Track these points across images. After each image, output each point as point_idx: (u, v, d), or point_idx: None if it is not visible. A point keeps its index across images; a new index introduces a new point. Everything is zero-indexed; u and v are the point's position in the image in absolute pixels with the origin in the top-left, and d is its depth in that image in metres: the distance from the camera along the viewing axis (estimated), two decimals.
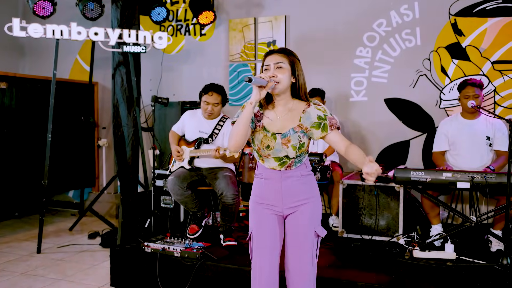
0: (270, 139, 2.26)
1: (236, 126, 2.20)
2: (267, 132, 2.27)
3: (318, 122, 2.24)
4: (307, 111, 2.26)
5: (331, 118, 2.28)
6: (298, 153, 2.25)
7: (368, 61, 5.05)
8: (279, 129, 2.25)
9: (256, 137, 2.30)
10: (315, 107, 2.27)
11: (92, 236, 5.11)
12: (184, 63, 5.89)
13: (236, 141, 2.20)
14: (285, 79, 2.21)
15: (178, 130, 4.22)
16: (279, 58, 2.24)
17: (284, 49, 2.31)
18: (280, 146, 2.24)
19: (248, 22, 5.53)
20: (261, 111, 2.33)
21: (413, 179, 3.58)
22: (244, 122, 2.16)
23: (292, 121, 2.26)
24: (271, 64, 2.23)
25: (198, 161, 4.06)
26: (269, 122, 2.28)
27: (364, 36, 5.05)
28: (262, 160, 2.34)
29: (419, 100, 4.88)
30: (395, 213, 4.01)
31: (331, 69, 5.19)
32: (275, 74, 2.20)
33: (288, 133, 2.24)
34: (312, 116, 2.25)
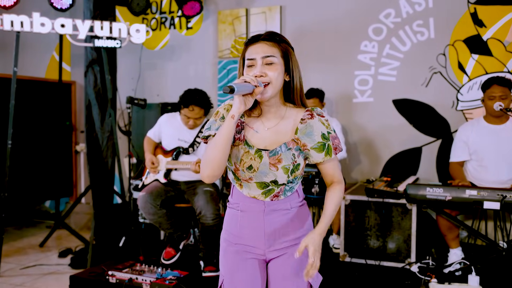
0: (254, 158, 1.68)
1: (212, 149, 1.63)
2: (250, 148, 1.69)
3: (322, 143, 1.68)
4: (308, 123, 1.69)
5: (334, 137, 1.72)
6: (290, 177, 1.68)
7: (374, 56, 4.47)
8: (267, 145, 1.69)
9: (234, 154, 1.72)
10: (319, 119, 1.70)
11: (63, 254, 4.53)
12: (168, 60, 5.31)
13: (213, 170, 1.64)
14: (277, 79, 1.65)
15: (154, 136, 3.65)
16: (268, 49, 1.66)
17: (274, 34, 1.70)
18: (267, 168, 1.67)
19: (239, 13, 4.94)
20: (242, 118, 1.75)
21: (429, 197, 2.99)
22: (223, 144, 1.60)
23: (284, 133, 1.70)
24: (258, 58, 1.65)
25: (176, 173, 3.49)
26: (254, 134, 1.71)
27: (370, 29, 4.47)
28: (239, 185, 1.76)
29: (433, 101, 4.31)
30: (406, 235, 3.42)
31: (331, 66, 4.63)
32: (264, 72, 1.63)
33: (279, 150, 1.67)
34: (315, 132, 1.68)
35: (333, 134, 1.72)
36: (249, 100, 1.58)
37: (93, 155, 4.45)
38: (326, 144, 1.68)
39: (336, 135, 1.74)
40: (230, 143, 1.62)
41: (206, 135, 1.75)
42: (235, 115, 1.57)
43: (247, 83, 1.54)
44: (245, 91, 1.53)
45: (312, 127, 1.69)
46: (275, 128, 1.70)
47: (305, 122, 1.69)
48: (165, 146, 3.57)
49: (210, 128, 1.74)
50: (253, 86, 1.55)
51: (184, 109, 3.44)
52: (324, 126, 1.70)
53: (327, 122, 1.73)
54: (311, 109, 1.73)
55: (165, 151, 3.54)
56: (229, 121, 1.59)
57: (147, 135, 3.69)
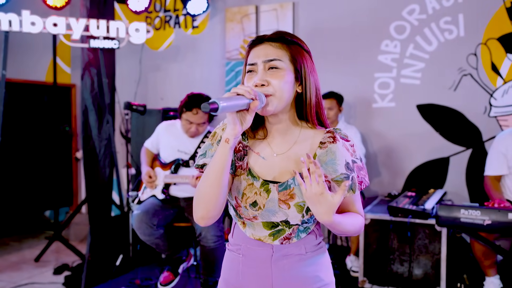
0: (259, 192, 1.33)
1: (204, 184, 1.29)
2: (255, 179, 1.34)
3: (346, 175, 1.31)
4: (329, 148, 1.33)
5: (360, 167, 1.36)
6: (305, 217, 1.32)
7: (396, 57, 4.06)
8: (277, 176, 1.34)
9: (235, 186, 1.37)
10: (343, 144, 1.34)
11: (58, 271, 4.21)
12: (173, 61, 4.97)
13: (207, 210, 1.30)
14: (283, 89, 1.30)
15: (151, 146, 3.30)
16: (273, 51, 1.32)
17: (282, 34, 1.37)
18: (275, 205, 1.32)
19: (248, 11, 4.57)
20: (245, 141, 1.40)
21: (464, 221, 2.58)
22: (217, 177, 1.27)
23: (298, 161, 1.33)
24: (259, 63, 1.31)
25: (175, 188, 3.13)
26: (259, 161, 1.37)
27: (391, 26, 4.07)
28: (242, 223, 1.41)
29: (462, 107, 3.90)
30: (435, 260, 3.02)
31: (349, 68, 4.26)
32: (266, 80, 1.29)
33: (292, 183, 1.31)
34: (338, 161, 1.32)
35: (359, 163, 1.35)
36: (245, 118, 1.24)
37: (90, 164, 4.12)
38: (351, 177, 1.31)
39: (362, 165, 1.37)
40: (226, 175, 1.27)
41: (201, 164, 1.39)
42: (230, 139, 1.24)
43: (239, 96, 1.20)
44: (236, 107, 1.18)
45: (334, 153, 1.31)
46: (287, 154, 1.35)
47: (326, 146, 1.33)
48: (163, 158, 3.21)
49: (205, 154, 1.39)
50: (248, 100, 1.20)
51: (186, 113, 3.07)
52: (349, 153, 1.34)
53: (353, 147, 1.36)
54: (333, 130, 1.36)
55: (164, 164, 3.19)
56: (223, 147, 1.25)
57: (144, 145, 3.33)
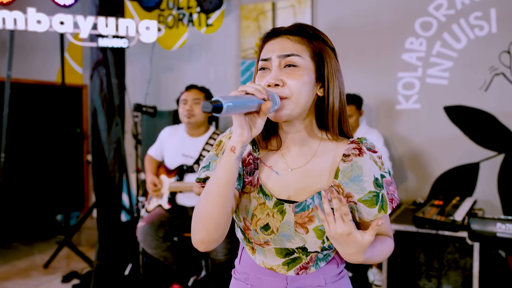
0: (272, 213, 1.14)
1: (205, 201, 1.10)
2: (267, 197, 1.15)
3: (375, 194, 1.13)
4: (355, 162, 1.14)
5: (389, 182, 1.17)
6: (326, 243, 1.13)
7: (422, 56, 3.80)
8: (293, 194, 1.15)
9: (243, 205, 1.18)
10: (370, 156, 1.15)
11: (67, 279, 4.06)
12: (186, 61, 4.78)
13: (208, 233, 1.10)
14: (301, 92, 1.11)
15: (155, 153, 3.12)
16: (291, 46, 1.13)
17: (303, 26, 1.17)
18: (291, 229, 1.13)
19: (264, 8, 4.35)
20: (256, 153, 1.21)
21: (500, 236, 2.34)
22: (221, 193, 1.07)
23: (318, 177, 1.15)
24: (273, 58, 1.12)
25: (182, 197, 2.94)
26: (272, 177, 1.18)
27: (417, 23, 3.82)
28: (251, 249, 1.22)
29: (494, 109, 3.63)
30: (466, 276, 2.77)
31: (371, 68, 4.01)
32: (281, 80, 1.10)
33: (311, 203, 1.12)
34: (366, 177, 1.13)
35: (388, 178, 1.16)
36: (255, 122, 1.04)
37: (99, 168, 3.95)
38: (380, 195, 1.12)
39: (391, 179, 1.16)
40: (231, 191, 1.07)
41: (203, 177, 1.20)
42: (237, 147, 1.04)
43: (249, 95, 1.00)
44: (244, 108, 0.99)
45: (360, 169, 1.13)
46: (305, 169, 1.16)
47: (350, 160, 1.14)
48: (168, 165, 3.03)
49: (208, 166, 1.21)
50: (259, 100, 1.01)
51: (182, 95, 3.08)
52: (377, 167, 1.15)
53: (381, 159, 1.17)
54: (358, 141, 1.17)
55: (169, 171, 3.00)
56: (228, 157, 1.05)
57: (147, 153, 3.16)
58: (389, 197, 1.14)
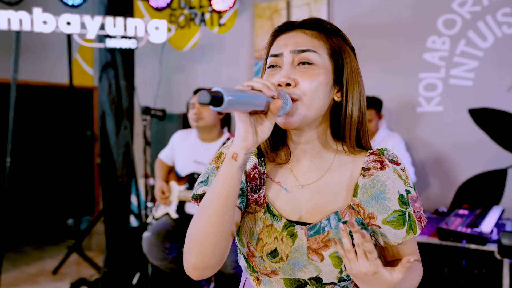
0: (281, 237, 0.99)
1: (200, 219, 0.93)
2: (275, 218, 1.01)
3: (400, 213, 0.99)
4: (376, 176, 1.00)
5: (415, 198, 1.02)
6: (344, 273, 0.98)
7: (445, 55, 3.59)
8: (305, 215, 1.01)
9: (246, 228, 1.03)
10: (393, 169, 1.02)
11: (75, 286, 3.95)
12: (198, 61, 4.65)
13: (203, 257, 0.93)
14: (316, 93, 0.97)
15: (166, 158, 2.99)
16: (306, 40, 1.00)
17: (320, 21, 1.04)
18: (304, 256, 0.98)
19: (279, 6, 4.19)
20: (262, 167, 1.07)
21: None
22: (220, 210, 0.91)
23: (334, 195, 1.01)
24: (286, 53, 0.99)
25: (191, 206, 2.80)
26: (281, 194, 1.03)
27: (439, 21, 3.61)
28: (255, 279, 1.06)
29: None
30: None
31: (390, 68, 3.81)
32: (294, 79, 0.96)
33: (326, 225, 0.98)
34: (389, 194, 0.99)
35: (413, 193, 1.02)
36: (262, 124, 0.88)
37: (107, 173, 3.83)
38: (407, 214, 0.98)
39: (416, 195, 1.03)
40: (231, 208, 0.91)
41: (200, 193, 1.06)
42: (239, 154, 0.89)
43: (255, 91, 0.85)
44: (249, 104, 0.83)
45: (383, 184, 0.99)
46: (318, 185, 1.01)
47: (371, 174, 1.00)
48: (179, 171, 2.89)
49: (206, 181, 1.06)
50: (268, 98, 0.86)
51: (191, 99, 2.95)
52: (402, 181, 1.00)
53: (405, 172, 1.02)
54: (378, 152, 1.03)
55: (179, 177, 2.86)
56: (229, 166, 0.90)
57: (158, 156, 3.02)
58: (416, 215, 0.99)
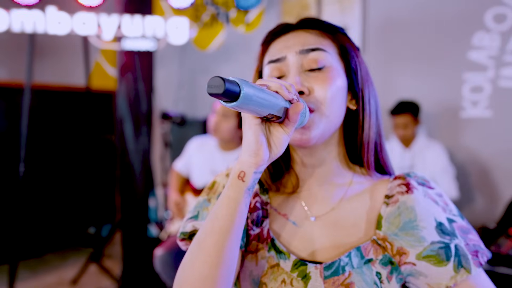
0: (291, 279, 0.80)
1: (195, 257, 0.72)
2: (283, 256, 0.83)
3: (442, 245, 0.78)
4: (402, 202, 0.82)
5: (464, 228, 0.82)
6: None
7: (494, 54, 3.24)
8: (318, 252, 0.83)
9: (247, 270, 0.85)
10: (424, 192, 0.83)
11: None
12: (223, 62, 4.41)
13: None
14: (334, 101, 0.82)
15: (182, 168, 2.74)
16: (313, 39, 0.85)
17: (318, 20, 0.88)
18: None
19: (308, 3, 3.90)
20: (264, 196, 0.90)
21: None
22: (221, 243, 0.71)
23: (354, 227, 0.84)
24: (290, 56, 0.83)
25: None
26: (288, 228, 0.86)
27: (488, 14, 3.25)
28: None
29: None
30: None
31: (430, 68, 3.48)
32: (308, 87, 0.80)
33: (346, 263, 0.79)
34: (423, 222, 0.80)
35: (460, 222, 0.81)
36: (277, 136, 0.72)
37: (126, 181, 3.64)
38: (453, 246, 0.78)
39: (467, 224, 0.82)
40: (237, 242, 0.72)
41: (189, 231, 0.86)
42: (247, 173, 0.71)
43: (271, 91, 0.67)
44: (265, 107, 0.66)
45: (413, 210, 0.81)
46: (333, 217, 0.85)
47: (396, 201, 0.83)
48: (195, 182, 2.64)
49: (197, 216, 0.87)
50: (285, 103, 0.69)
51: (216, 102, 2.67)
52: (439, 207, 0.82)
53: (443, 198, 0.84)
54: (403, 175, 0.86)
55: (196, 189, 2.61)
56: (234, 188, 0.72)
57: (173, 167, 2.79)
58: (470, 248, 0.78)
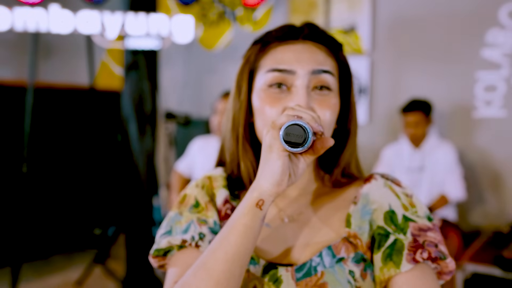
0: (262, 284, 0.77)
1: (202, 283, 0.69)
2: (251, 261, 0.80)
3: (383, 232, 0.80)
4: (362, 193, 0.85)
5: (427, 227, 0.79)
6: None
7: (509, 51, 3.17)
8: (291, 254, 0.81)
9: None
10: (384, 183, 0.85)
11: None
12: (230, 62, 4.34)
13: None
14: (331, 125, 0.83)
15: (184, 169, 2.67)
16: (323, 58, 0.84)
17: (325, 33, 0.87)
18: None
19: (316, 1, 3.83)
20: (234, 202, 0.89)
21: None
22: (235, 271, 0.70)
23: (326, 226, 0.82)
24: (301, 73, 0.81)
25: None
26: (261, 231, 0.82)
27: (502, 10, 3.16)
28: None
29: None
30: None
31: (441, 66, 3.40)
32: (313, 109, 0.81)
33: (318, 263, 0.78)
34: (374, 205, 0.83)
35: (423, 223, 0.79)
36: (298, 165, 0.73)
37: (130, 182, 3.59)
38: (393, 240, 0.77)
39: (434, 227, 0.79)
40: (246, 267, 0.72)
41: (164, 247, 0.82)
42: (267, 201, 0.71)
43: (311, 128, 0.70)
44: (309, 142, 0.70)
45: (367, 196, 0.83)
46: (306, 217, 0.85)
47: (359, 196, 0.85)
48: None
49: (170, 232, 0.83)
50: (312, 135, 0.69)
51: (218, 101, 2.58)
52: (398, 200, 0.81)
53: (410, 199, 0.82)
54: (372, 174, 0.88)
55: None
56: (251, 215, 0.71)
57: (175, 168, 2.72)
58: (417, 244, 0.75)
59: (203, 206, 0.86)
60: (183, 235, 0.80)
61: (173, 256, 0.81)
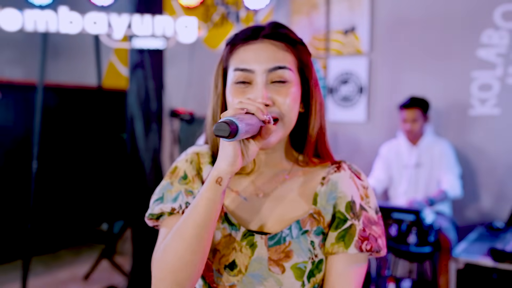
0: (240, 247, 0.95)
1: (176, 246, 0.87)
2: (233, 228, 0.97)
3: (342, 218, 0.95)
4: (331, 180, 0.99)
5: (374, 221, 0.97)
6: (307, 285, 0.92)
7: (503, 52, 3.26)
8: (264, 224, 0.97)
9: None
10: (350, 176, 1.00)
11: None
12: None
13: (180, 286, 0.86)
14: (292, 111, 0.96)
15: None
16: (280, 55, 0.96)
17: (284, 28, 1.00)
18: (264, 267, 0.93)
19: (317, 1, 3.92)
20: None
21: None
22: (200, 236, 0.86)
23: (295, 203, 0.99)
24: (258, 72, 0.94)
25: None
26: (239, 203, 1.00)
27: (497, 12, 3.26)
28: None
29: None
30: None
31: (439, 66, 3.49)
32: (271, 99, 0.94)
33: (287, 234, 0.95)
34: (340, 194, 0.97)
35: (371, 215, 0.97)
36: (249, 148, 0.86)
37: (136, 179, 3.70)
38: (349, 225, 0.94)
39: (378, 220, 0.97)
40: (212, 232, 0.88)
41: (157, 213, 0.99)
42: (224, 179, 0.85)
43: (249, 114, 0.83)
44: (250, 131, 0.82)
45: (335, 184, 0.98)
46: (278, 194, 1.00)
47: (328, 180, 0.99)
48: None
49: (162, 198, 1.00)
50: (259, 122, 0.84)
51: None
52: (357, 192, 0.98)
53: (366, 191, 0.99)
54: (340, 161, 1.03)
55: None
56: (212, 190, 0.85)
57: None
58: (365, 234, 0.93)
59: (190, 179, 1.00)
60: (172, 204, 0.97)
61: (164, 220, 0.98)
